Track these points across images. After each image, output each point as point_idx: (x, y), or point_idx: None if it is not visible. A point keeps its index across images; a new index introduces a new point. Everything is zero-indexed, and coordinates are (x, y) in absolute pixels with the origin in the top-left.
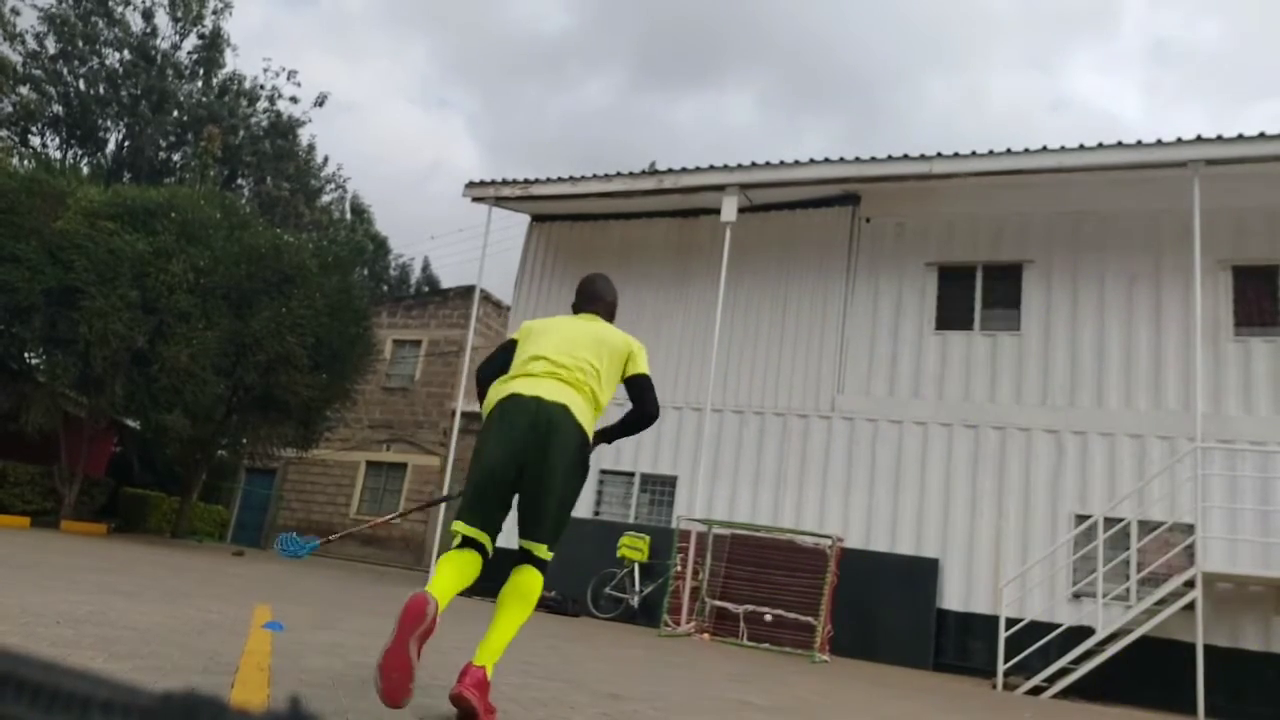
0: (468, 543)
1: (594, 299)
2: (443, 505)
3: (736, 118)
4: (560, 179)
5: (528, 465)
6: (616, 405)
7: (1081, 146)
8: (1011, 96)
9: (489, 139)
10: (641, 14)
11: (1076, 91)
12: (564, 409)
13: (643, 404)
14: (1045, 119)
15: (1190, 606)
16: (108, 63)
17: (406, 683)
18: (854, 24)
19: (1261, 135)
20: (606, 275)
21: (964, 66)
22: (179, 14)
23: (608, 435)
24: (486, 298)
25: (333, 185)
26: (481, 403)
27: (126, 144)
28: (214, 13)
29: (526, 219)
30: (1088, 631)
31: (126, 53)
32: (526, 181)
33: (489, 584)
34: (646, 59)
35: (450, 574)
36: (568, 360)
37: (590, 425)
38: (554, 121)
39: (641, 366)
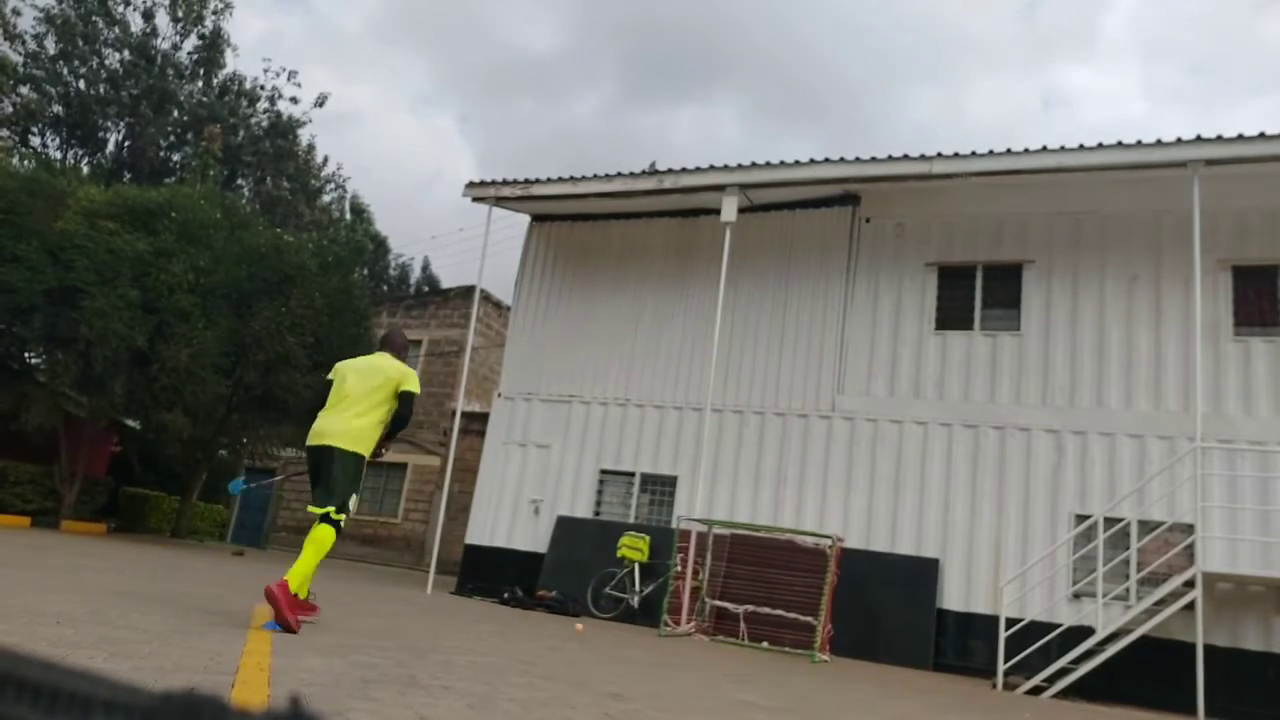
0: None
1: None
2: (441, 507)
3: (720, 134)
4: (560, 179)
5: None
6: None
7: (1081, 146)
8: (995, 110)
9: (483, 152)
10: (627, 31)
11: (1061, 101)
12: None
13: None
14: (1030, 133)
15: (1190, 606)
16: (108, 63)
17: None
18: (834, 42)
19: (1261, 135)
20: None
21: (945, 83)
22: (179, 14)
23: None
24: (486, 298)
25: (333, 185)
26: None
27: (127, 144)
28: (214, 13)
29: (526, 219)
30: (1088, 631)
31: (127, 53)
32: (527, 181)
33: None
34: (633, 76)
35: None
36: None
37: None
38: (546, 137)
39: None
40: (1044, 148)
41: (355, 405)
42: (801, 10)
